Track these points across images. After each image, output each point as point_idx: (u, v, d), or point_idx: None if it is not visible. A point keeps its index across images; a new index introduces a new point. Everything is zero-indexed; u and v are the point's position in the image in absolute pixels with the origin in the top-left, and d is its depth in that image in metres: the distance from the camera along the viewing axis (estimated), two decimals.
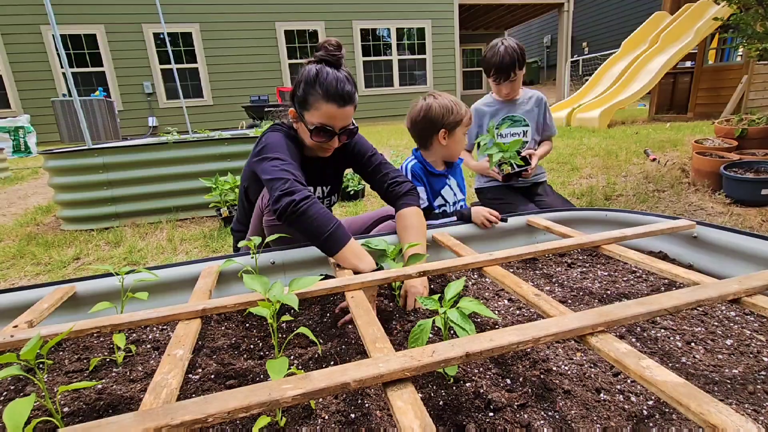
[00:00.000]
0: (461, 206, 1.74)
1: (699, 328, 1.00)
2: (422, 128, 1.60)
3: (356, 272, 1.12)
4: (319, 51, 1.27)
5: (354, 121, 1.35)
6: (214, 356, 1.00)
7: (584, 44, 16.07)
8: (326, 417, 0.78)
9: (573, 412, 0.75)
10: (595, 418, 0.73)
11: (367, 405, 0.81)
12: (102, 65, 9.43)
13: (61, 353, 1.07)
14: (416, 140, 1.67)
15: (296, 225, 1.13)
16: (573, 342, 0.96)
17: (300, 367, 0.94)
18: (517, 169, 1.90)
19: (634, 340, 0.96)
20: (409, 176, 1.63)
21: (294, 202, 1.10)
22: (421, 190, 1.63)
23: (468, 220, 1.56)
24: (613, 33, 14.43)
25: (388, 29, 11.19)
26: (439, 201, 1.69)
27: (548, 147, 2.17)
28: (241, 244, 1.20)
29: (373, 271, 1.11)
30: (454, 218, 1.64)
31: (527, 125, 2.11)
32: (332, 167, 1.51)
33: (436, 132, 1.57)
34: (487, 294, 1.26)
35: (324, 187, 1.53)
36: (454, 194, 1.73)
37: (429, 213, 1.66)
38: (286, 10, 10.21)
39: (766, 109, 4.90)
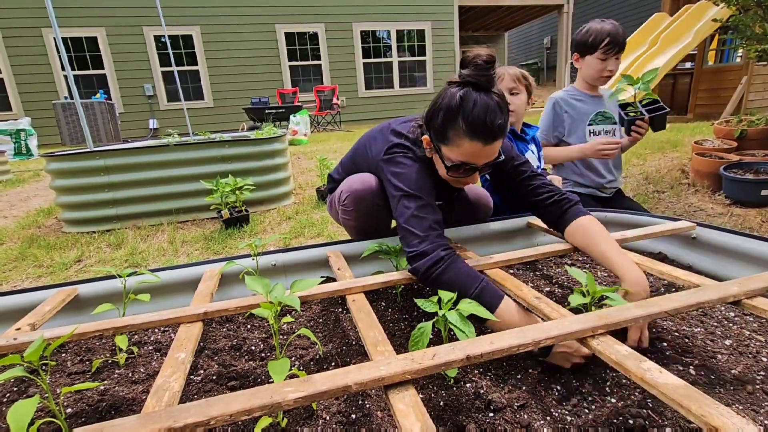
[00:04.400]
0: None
1: (698, 329, 1.00)
2: None
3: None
4: (466, 68, 1.01)
5: (501, 151, 1.11)
6: (216, 357, 1.00)
7: None
8: (327, 418, 0.78)
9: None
10: (595, 417, 0.73)
11: (368, 406, 0.81)
12: (103, 68, 9.45)
13: (63, 355, 1.07)
14: None
15: (433, 287, 0.99)
16: None
17: (301, 368, 0.95)
18: (655, 111, 1.67)
19: None
20: None
21: (426, 267, 0.98)
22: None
23: None
24: None
25: (388, 31, 11.21)
26: None
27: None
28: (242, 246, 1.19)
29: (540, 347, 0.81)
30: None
31: (616, 123, 1.95)
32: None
33: None
34: None
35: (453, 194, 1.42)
36: (537, 158, 1.79)
37: None
38: (287, 12, 10.24)
39: (765, 110, 4.91)
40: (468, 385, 0.84)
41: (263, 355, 1.02)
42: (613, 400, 0.78)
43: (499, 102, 1.00)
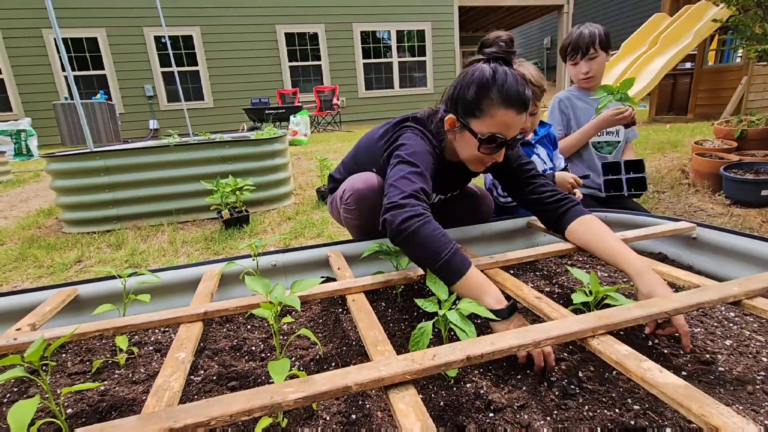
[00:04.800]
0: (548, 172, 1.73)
1: (698, 329, 1.00)
2: None
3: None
4: (490, 47, 1.08)
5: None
6: (216, 358, 1.00)
7: None
8: (327, 418, 0.78)
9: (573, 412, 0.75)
10: (594, 417, 0.73)
11: (368, 406, 0.81)
12: (103, 68, 9.46)
13: (63, 355, 1.07)
14: None
15: (403, 247, 0.96)
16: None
17: (301, 368, 0.95)
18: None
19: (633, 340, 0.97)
20: None
21: (401, 220, 0.93)
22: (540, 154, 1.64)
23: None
24: (613, 34, 14.29)
25: (389, 31, 11.22)
26: None
27: (632, 154, 2.06)
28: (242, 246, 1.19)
29: (505, 307, 0.88)
30: None
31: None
32: (468, 171, 1.32)
33: None
34: None
35: (442, 197, 1.44)
36: (543, 162, 1.74)
37: None
38: (287, 12, 10.25)
39: (765, 110, 4.91)
40: (468, 385, 0.84)
41: (263, 355, 1.02)
42: (614, 400, 0.78)
43: (524, 75, 1.08)
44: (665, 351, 0.92)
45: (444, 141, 1.22)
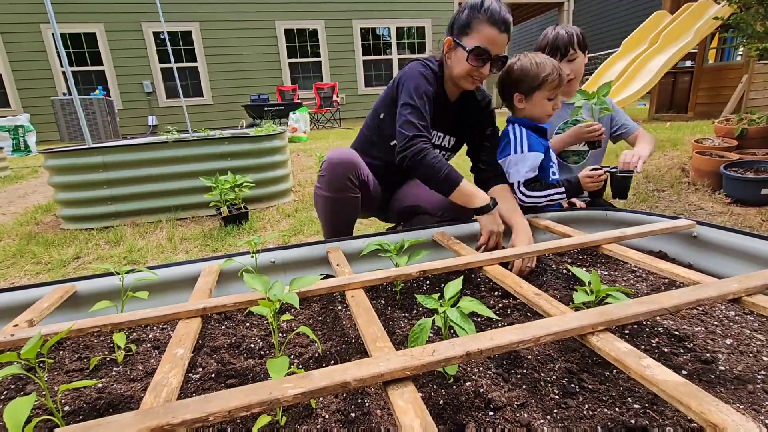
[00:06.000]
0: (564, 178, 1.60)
1: (699, 328, 1.00)
2: (502, 89, 1.56)
3: (472, 209, 1.36)
4: None
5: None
6: (215, 355, 1.00)
7: None
8: (326, 416, 0.78)
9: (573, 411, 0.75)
10: (595, 416, 0.73)
11: (367, 404, 0.81)
12: (102, 64, 9.43)
13: (61, 352, 1.07)
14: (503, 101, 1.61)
15: (413, 172, 1.39)
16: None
17: (300, 366, 0.94)
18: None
19: (633, 338, 0.96)
20: (524, 148, 1.50)
21: (411, 157, 1.35)
22: (537, 156, 1.50)
23: (578, 190, 1.51)
24: (613, 32, 14.40)
25: (388, 28, 11.19)
26: (553, 168, 1.58)
27: (649, 143, 1.75)
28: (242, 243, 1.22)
29: (486, 204, 1.35)
30: (561, 189, 1.52)
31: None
32: (462, 118, 1.62)
33: (512, 95, 1.53)
34: (493, 294, 1.25)
35: (449, 138, 1.66)
36: (556, 171, 1.64)
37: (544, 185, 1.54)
38: (286, 9, 10.21)
39: (766, 109, 4.90)
40: (468, 383, 0.84)
41: (262, 353, 1.02)
42: (614, 399, 0.78)
43: (508, 7, 1.38)
44: (666, 350, 0.92)
45: (445, 71, 1.50)
